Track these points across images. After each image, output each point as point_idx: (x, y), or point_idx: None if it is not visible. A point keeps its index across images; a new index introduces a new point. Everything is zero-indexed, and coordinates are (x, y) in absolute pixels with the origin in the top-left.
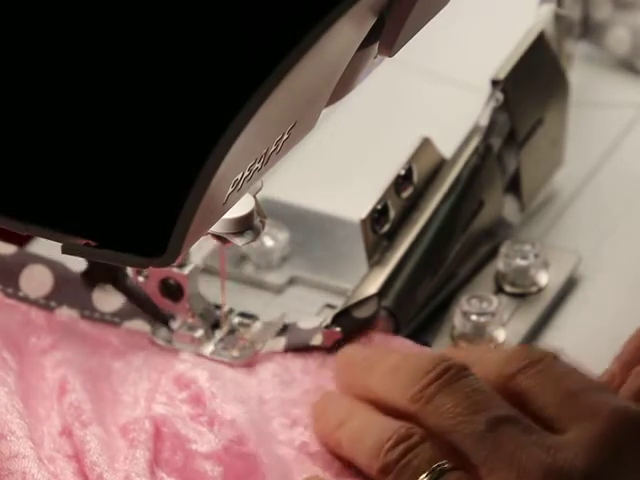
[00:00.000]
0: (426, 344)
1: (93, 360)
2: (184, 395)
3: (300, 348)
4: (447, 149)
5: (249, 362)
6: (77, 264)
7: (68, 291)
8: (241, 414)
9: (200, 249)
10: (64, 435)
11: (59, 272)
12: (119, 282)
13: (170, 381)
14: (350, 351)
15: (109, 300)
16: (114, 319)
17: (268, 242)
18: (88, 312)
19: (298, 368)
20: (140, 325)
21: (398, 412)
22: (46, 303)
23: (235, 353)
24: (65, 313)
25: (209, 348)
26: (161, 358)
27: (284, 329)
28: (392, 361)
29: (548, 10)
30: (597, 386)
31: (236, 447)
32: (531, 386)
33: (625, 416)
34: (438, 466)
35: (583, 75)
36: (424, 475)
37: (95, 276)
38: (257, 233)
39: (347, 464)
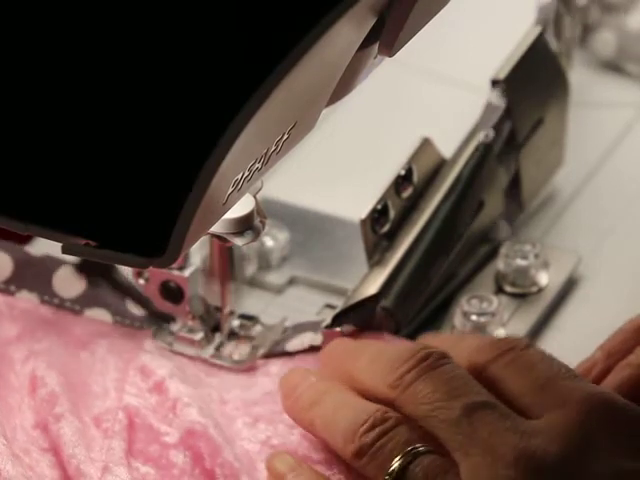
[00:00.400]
0: None
1: (60, 350)
2: (150, 383)
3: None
4: (447, 149)
5: (250, 366)
6: (37, 249)
7: (28, 276)
8: (200, 403)
9: (200, 249)
10: (38, 429)
11: (19, 257)
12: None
13: (138, 372)
14: (335, 342)
15: (70, 285)
16: (74, 306)
17: (268, 242)
18: (48, 297)
19: (258, 371)
20: (101, 314)
21: (378, 399)
22: (6, 287)
23: (235, 357)
24: (25, 297)
25: (209, 351)
26: (124, 346)
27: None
28: (374, 349)
29: (549, 10)
30: (569, 373)
31: (197, 428)
32: (504, 375)
33: (598, 401)
34: (412, 449)
35: (583, 75)
36: (398, 458)
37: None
38: (257, 233)
39: (309, 452)
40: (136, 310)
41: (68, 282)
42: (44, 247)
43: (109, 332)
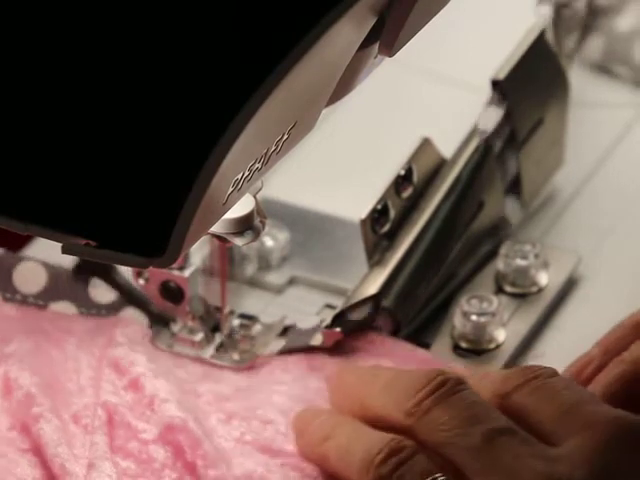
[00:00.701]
0: (426, 344)
1: (29, 349)
2: (125, 381)
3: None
4: (447, 149)
5: (250, 366)
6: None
7: None
8: (178, 397)
9: (200, 249)
10: (15, 430)
11: None
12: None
13: (112, 371)
14: (344, 369)
15: (31, 281)
16: (38, 302)
17: (268, 242)
18: (10, 295)
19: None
20: (65, 307)
21: (392, 427)
22: None
23: (235, 356)
24: None
25: (209, 351)
26: (94, 340)
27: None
28: (387, 376)
29: (547, 10)
30: (593, 399)
31: (176, 422)
32: (527, 402)
33: (623, 426)
34: (432, 479)
35: (583, 75)
36: None
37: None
38: (257, 233)
39: (283, 446)
40: (100, 298)
41: (29, 278)
42: (44, 247)
43: (77, 326)
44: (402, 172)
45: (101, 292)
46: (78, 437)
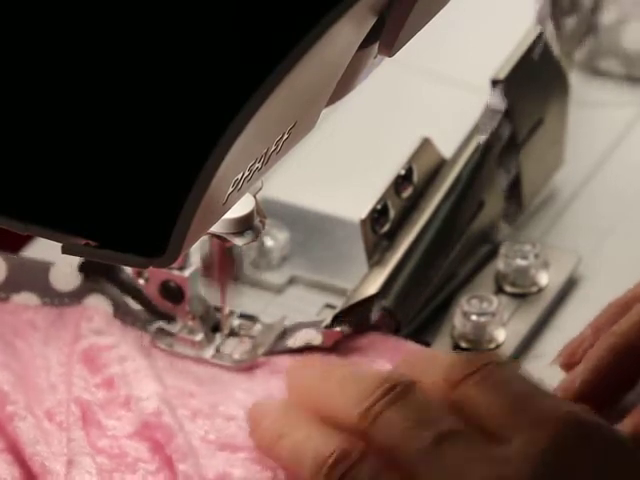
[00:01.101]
0: (426, 344)
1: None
2: (97, 379)
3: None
4: (447, 149)
5: (250, 366)
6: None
7: None
8: (154, 391)
9: (200, 249)
10: None
11: None
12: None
13: (82, 365)
14: (301, 367)
15: None
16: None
17: (268, 242)
18: None
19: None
20: (28, 298)
21: (348, 429)
22: None
23: (236, 356)
24: None
25: (209, 351)
26: (60, 337)
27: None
28: (341, 376)
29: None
30: (543, 392)
31: (153, 419)
32: (476, 394)
33: (573, 422)
34: None
35: (583, 75)
36: None
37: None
38: (257, 233)
39: (245, 442)
40: (62, 286)
41: None
42: (44, 247)
43: (40, 319)
44: (402, 172)
45: (63, 280)
46: (54, 434)
